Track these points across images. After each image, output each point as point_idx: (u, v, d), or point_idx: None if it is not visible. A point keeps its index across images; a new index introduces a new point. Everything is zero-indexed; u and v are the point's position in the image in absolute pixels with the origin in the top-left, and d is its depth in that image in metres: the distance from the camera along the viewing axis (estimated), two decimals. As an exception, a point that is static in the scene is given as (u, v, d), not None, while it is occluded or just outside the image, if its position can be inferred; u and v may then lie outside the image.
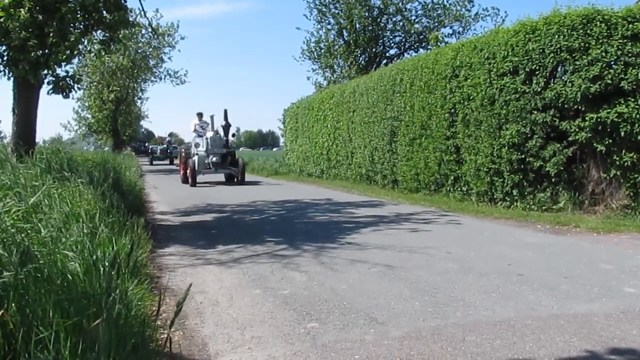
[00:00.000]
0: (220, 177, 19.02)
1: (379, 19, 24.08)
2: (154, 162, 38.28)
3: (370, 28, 23.91)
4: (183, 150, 19.97)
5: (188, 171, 17.58)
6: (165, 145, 39.79)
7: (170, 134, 39.06)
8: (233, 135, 19.44)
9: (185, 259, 6.05)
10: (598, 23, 8.49)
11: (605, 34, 8.42)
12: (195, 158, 17.73)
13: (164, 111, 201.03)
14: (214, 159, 17.71)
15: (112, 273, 2.93)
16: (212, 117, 19.04)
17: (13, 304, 2.53)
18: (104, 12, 8.26)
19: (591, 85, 8.36)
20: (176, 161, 36.99)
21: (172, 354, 3.10)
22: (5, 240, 3.04)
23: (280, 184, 18.33)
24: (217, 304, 4.34)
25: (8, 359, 2.41)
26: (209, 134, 18.21)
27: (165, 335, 3.30)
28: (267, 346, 3.41)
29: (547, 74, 8.98)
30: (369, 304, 4.22)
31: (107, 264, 3.32)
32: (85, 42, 9.04)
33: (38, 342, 2.43)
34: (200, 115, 19.38)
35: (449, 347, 3.32)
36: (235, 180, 18.12)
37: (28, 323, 2.50)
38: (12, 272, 2.69)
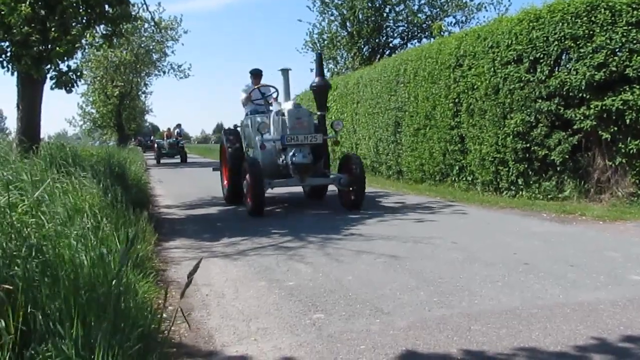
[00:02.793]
0: (298, 189, 10.84)
1: (381, 9, 23.95)
2: (162, 160, 31.19)
3: (373, 19, 23.78)
4: (229, 139, 9.85)
5: (244, 182, 8.65)
6: (174, 139, 32.86)
7: (179, 125, 35.93)
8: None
9: (190, 252, 6.06)
10: (602, 10, 8.40)
11: (610, 21, 8.34)
12: (257, 154, 9.09)
13: (169, 105, 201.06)
14: (297, 157, 8.50)
15: (118, 265, 2.95)
16: (285, 72, 9.82)
17: (21, 297, 2.55)
18: (106, 6, 8.27)
19: (596, 72, 8.29)
20: (189, 157, 34.26)
21: (184, 315, 3.15)
22: (12, 234, 3.06)
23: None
24: (223, 296, 4.35)
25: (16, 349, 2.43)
26: (286, 105, 9.06)
27: (172, 327, 3.32)
28: (273, 337, 3.42)
29: (552, 62, 8.92)
30: (374, 294, 4.21)
31: (111, 257, 3.33)
32: (88, 36, 9.04)
33: (46, 332, 2.46)
34: (257, 75, 10.38)
35: (454, 337, 3.32)
36: (349, 200, 8.79)
37: (36, 314, 2.52)
38: (21, 265, 2.71)
